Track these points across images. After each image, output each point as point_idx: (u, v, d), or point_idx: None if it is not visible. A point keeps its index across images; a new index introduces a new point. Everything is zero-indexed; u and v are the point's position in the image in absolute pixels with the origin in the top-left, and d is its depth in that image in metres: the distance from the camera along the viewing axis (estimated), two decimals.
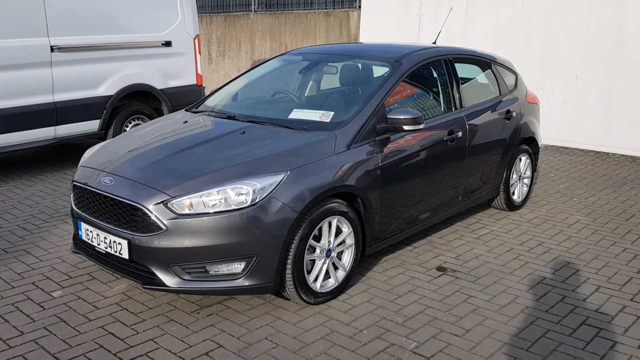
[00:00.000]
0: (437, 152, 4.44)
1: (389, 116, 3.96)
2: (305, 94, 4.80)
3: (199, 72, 8.13)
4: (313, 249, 3.61)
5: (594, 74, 8.30)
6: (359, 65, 4.82)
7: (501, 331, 3.44)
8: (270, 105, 4.66)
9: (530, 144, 5.78)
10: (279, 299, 3.71)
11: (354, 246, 3.82)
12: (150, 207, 3.28)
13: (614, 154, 8.25)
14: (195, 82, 8.11)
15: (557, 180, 6.90)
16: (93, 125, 7.06)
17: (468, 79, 5.27)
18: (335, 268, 3.78)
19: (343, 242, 3.78)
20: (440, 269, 4.30)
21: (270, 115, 4.22)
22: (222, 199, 3.28)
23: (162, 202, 3.29)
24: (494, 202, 5.61)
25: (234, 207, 3.27)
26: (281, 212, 3.33)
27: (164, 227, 3.25)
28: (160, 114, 7.74)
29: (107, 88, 7.12)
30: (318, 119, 4.00)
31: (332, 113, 4.03)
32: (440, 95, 4.75)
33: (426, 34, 9.75)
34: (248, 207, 3.27)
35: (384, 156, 3.95)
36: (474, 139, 4.84)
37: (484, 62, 5.46)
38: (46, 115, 6.57)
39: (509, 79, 5.71)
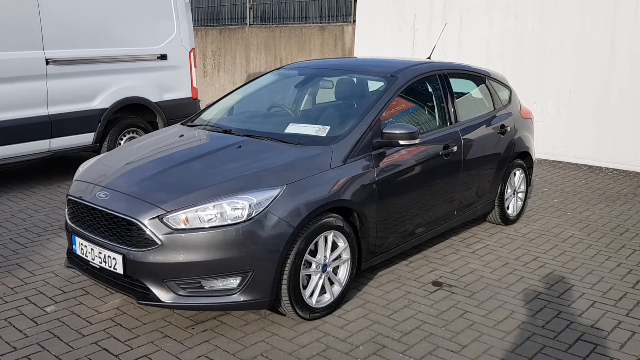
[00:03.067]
0: (432, 167, 4.46)
1: (385, 131, 3.98)
2: (301, 108, 4.81)
3: (194, 85, 8.14)
4: (309, 264, 3.60)
5: (587, 87, 8.36)
6: (355, 79, 4.84)
7: (497, 347, 3.43)
8: (266, 120, 4.67)
9: (524, 158, 5.81)
10: (274, 315, 3.69)
11: (349, 261, 3.81)
12: (146, 221, 3.26)
13: (607, 168, 8.29)
14: (190, 95, 8.12)
15: (551, 194, 6.93)
16: (87, 138, 7.04)
17: (463, 94, 5.30)
18: (331, 283, 3.77)
19: (339, 256, 3.77)
20: (436, 283, 4.30)
21: (266, 130, 4.22)
22: (218, 213, 3.27)
23: (158, 216, 3.27)
24: (488, 216, 5.62)
25: (229, 221, 3.26)
26: (277, 227, 3.32)
27: (159, 242, 3.23)
28: (155, 127, 7.74)
29: (102, 101, 7.12)
30: (314, 134, 4.01)
31: (328, 127, 4.04)
32: (436, 110, 4.77)
33: (420, 47, 9.82)
34: (244, 221, 3.26)
35: (380, 170, 3.95)
36: (469, 153, 4.86)
37: (479, 77, 5.50)
38: (41, 128, 6.55)
39: (503, 94, 5.74)
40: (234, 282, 3.31)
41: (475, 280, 4.37)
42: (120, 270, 3.35)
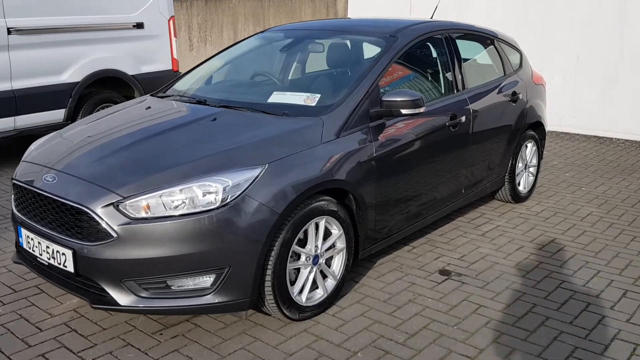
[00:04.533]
0: (438, 140, 3.90)
1: (385, 98, 3.41)
2: (288, 76, 4.23)
3: (175, 56, 7.52)
4: (297, 256, 3.06)
5: (596, 54, 7.78)
6: (349, 42, 4.25)
7: (520, 349, 2.92)
8: (247, 89, 4.07)
9: (536, 129, 5.25)
10: (257, 314, 3.17)
11: (345, 250, 3.28)
12: (98, 209, 2.71)
13: (619, 139, 7.75)
14: (170, 68, 7.49)
15: (562, 168, 6.39)
16: (58, 115, 6.43)
17: (469, 58, 4.72)
18: (324, 276, 3.24)
19: (333, 246, 3.24)
20: (444, 272, 3.77)
21: (246, 100, 3.65)
22: (186, 198, 2.72)
23: (112, 203, 2.71)
24: (498, 193, 5.09)
25: (200, 208, 2.71)
26: (258, 214, 2.77)
27: (114, 235, 2.68)
28: None
29: (73, 74, 6.48)
30: (302, 103, 3.44)
31: (319, 96, 3.46)
32: (441, 76, 4.20)
33: (419, 16, 9.17)
34: (217, 208, 2.71)
35: (379, 145, 3.40)
36: (478, 124, 4.30)
37: (487, 39, 4.91)
38: (3, 104, 5.94)
39: (514, 58, 5.17)
40: (206, 280, 2.77)
41: (487, 268, 3.85)
42: (70, 268, 2.80)
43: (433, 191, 3.95)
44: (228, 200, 2.73)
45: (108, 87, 6.94)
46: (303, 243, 3.07)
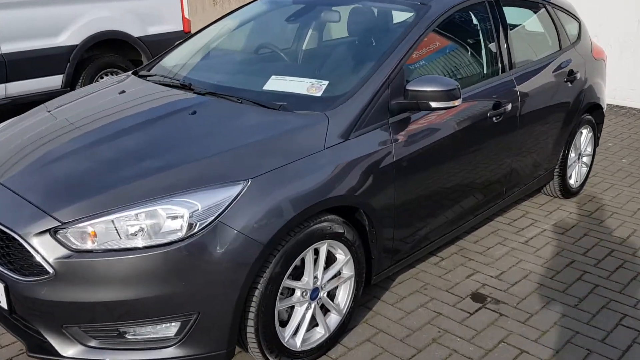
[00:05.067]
0: (476, 135, 3.17)
1: (410, 87, 2.69)
2: (292, 54, 3.51)
3: (186, 15, 6.82)
4: (291, 291, 2.44)
5: None
6: (369, 11, 3.48)
7: None
8: (244, 69, 3.36)
9: (593, 112, 4.44)
10: (240, 356, 2.58)
11: (353, 278, 2.64)
12: (31, 237, 2.10)
13: None
14: (181, 28, 6.81)
15: (618, 152, 5.56)
16: (55, 81, 5.87)
17: (518, 29, 3.91)
18: (326, 311, 2.62)
19: (338, 274, 2.60)
20: (477, 297, 3.11)
21: (238, 85, 2.95)
22: (144, 226, 2.10)
23: (50, 230, 2.11)
24: (545, 188, 4.34)
25: (161, 239, 2.08)
26: (236, 246, 2.14)
27: (50, 271, 2.09)
28: (138, 66, 6.51)
29: (71, 36, 5.88)
30: (305, 92, 2.74)
31: (326, 83, 2.76)
32: (483, 53, 3.42)
33: None
34: (182, 240, 2.09)
35: (401, 146, 2.70)
36: (527, 111, 3.54)
37: (539, 5, 4.07)
38: None
39: (571, 28, 4.32)
40: (170, 329, 2.17)
41: (531, 292, 3.17)
42: (4, 304, 2.23)
43: (468, 197, 3.25)
44: (196, 230, 2.10)
45: (112, 50, 6.32)
46: (298, 273, 2.44)
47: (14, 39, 5.46)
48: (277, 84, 2.82)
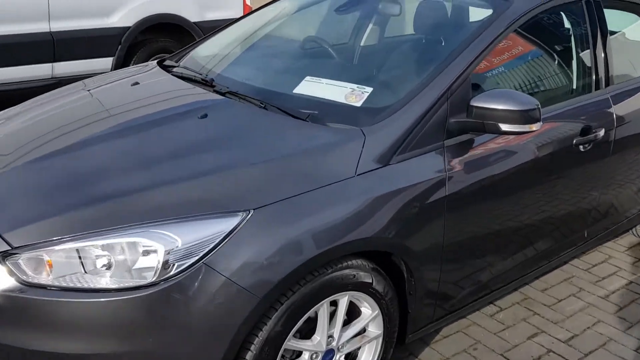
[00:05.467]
0: (556, 166, 2.55)
1: (475, 103, 2.12)
2: (341, 52, 2.96)
3: (248, 2, 6.41)
4: (296, 354, 1.94)
5: None
6: (442, 4, 2.90)
7: None
8: (278, 66, 2.84)
9: None
10: None
11: (381, 337, 2.11)
12: None
13: None
14: (241, 14, 6.40)
15: None
16: (104, 63, 5.57)
17: (617, 36, 3.23)
18: None
19: (362, 331, 2.08)
20: None
21: (266, 85, 2.47)
22: (112, 260, 1.65)
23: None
24: (634, 229, 3.63)
25: (127, 282, 1.63)
26: (225, 298, 1.65)
27: None
28: None
29: (123, 17, 5.56)
30: (343, 100, 2.21)
31: (369, 90, 2.22)
32: (574, 64, 2.78)
33: None
34: (154, 284, 1.62)
35: (458, 176, 2.13)
36: (623, 137, 2.87)
37: None
38: (40, 48, 5.15)
39: None
40: None
41: None
42: None
43: (539, 240, 2.63)
44: (173, 272, 1.63)
45: (165, 35, 5.99)
46: (308, 329, 1.93)
47: (63, 17, 5.21)
48: (310, 87, 2.31)
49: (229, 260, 1.66)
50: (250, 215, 1.71)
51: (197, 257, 1.64)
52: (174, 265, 1.63)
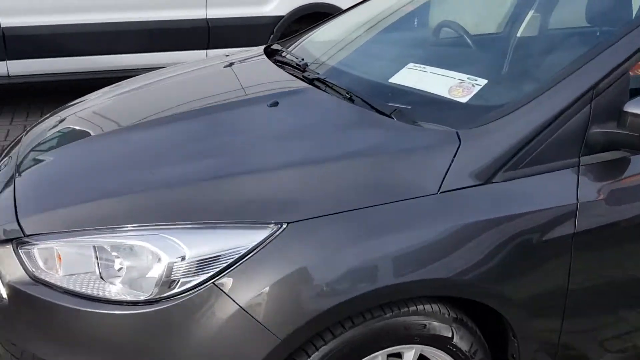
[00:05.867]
0: None
1: (632, 109, 1.50)
2: (476, 41, 2.40)
3: None
4: None
5: None
6: None
7: None
8: (390, 52, 2.36)
9: None
10: None
11: None
12: None
13: None
14: None
15: None
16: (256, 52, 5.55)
17: None
18: None
19: None
20: None
21: (362, 73, 2.04)
22: (123, 265, 1.38)
23: (13, 240, 1.51)
24: None
25: (125, 296, 1.35)
26: (235, 332, 1.30)
27: (3, 297, 1.50)
28: None
29: (278, 5, 5.46)
30: (446, 94, 1.72)
31: (483, 83, 1.70)
32: None
33: None
34: (150, 302, 1.32)
35: (595, 209, 1.54)
36: None
37: None
38: (196, 34, 5.24)
39: None
40: None
41: None
42: None
43: None
44: (175, 290, 1.31)
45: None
46: None
47: (220, 4, 5.25)
48: (410, 76, 1.85)
49: (246, 285, 1.30)
50: (283, 229, 1.33)
51: (207, 275, 1.30)
52: (178, 281, 1.31)
